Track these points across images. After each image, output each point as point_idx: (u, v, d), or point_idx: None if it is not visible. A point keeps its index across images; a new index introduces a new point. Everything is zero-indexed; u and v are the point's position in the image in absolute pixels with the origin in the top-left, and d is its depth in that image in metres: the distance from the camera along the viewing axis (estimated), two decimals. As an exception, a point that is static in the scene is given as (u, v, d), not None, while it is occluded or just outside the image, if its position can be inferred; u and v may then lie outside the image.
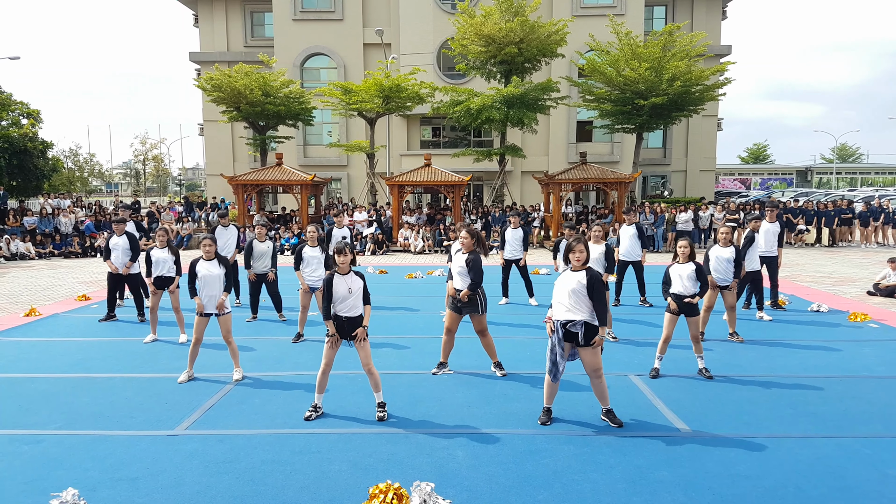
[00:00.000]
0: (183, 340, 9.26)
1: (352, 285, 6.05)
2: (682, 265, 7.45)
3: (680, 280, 7.38)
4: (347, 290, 6.03)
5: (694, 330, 7.44)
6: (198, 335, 7.35)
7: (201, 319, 7.34)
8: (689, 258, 7.46)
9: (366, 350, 6.13)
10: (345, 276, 6.08)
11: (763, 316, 10.72)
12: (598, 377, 5.89)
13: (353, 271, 6.15)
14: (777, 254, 11.29)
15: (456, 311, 7.49)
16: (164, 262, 9.40)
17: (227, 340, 7.43)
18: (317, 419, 6.16)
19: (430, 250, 22.68)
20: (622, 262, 11.58)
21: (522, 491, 4.74)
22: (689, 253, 7.47)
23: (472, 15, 25.45)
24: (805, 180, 63.52)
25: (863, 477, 4.93)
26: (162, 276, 9.42)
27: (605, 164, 31.39)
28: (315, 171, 29.82)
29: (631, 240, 11.43)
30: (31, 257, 21.16)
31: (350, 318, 6.09)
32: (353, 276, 6.11)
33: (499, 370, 7.60)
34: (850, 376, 7.53)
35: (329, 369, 6.18)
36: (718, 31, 37.60)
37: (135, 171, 68.57)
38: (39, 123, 28.08)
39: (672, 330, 7.44)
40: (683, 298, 7.35)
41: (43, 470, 5.12)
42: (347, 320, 6.08)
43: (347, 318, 6.08)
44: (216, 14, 38.20)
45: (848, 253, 21.18)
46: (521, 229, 11.76)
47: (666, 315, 7.50)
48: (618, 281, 11.64)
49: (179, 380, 7.36)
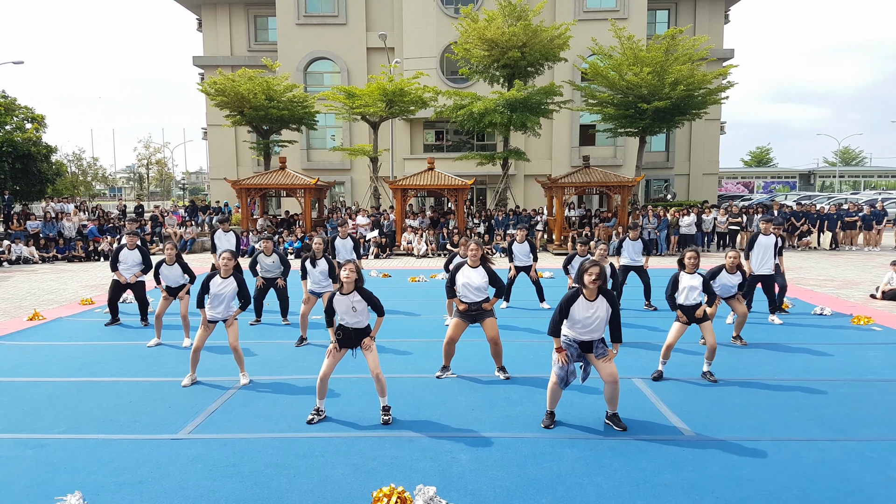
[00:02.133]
0: (186, 345, 9.27)
1: (355, 304, 6.04)
2: (689, 275, 7.41)
3: (686, 292, 7.34)
4: (351, 308, 6.04)
5: (710, 339, 7.36)
6: (199, 343, 7.36)
7: (207, 328, 7.36)
8: (696, 268, 7.42)
9: (374, 356, 6.14)
10: (347, 294, 6.07)
11: (774, 319, 10.66)
12: (615, 382, 5.84)
13: (356, 290, 6.09)
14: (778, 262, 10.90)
15: (469, 321, 7.45)
16: (175, 277, 9.54)
17: (233, 348, 7.39)
18: (319, 423, 6.17)
19: (433, 254, 22.68)
20: (624, 268, 11.67)
21: (526, 494, 4.73)
22: (697, 263, 7.43)
23: (475, 19, 25.49)
24: (808, 184, 63.41)
25: (868, 480, 4.92)
26: (172, 286, 9.57)
27: (609, 167, 31.35)
28: (318, 174, 29.87)
29: (635, 252, 11.66)
30: (35, 261, 21.20)
31: (357, 330, 6.13)
32: (355, 296, 6.05)
33: (503, 373, 7.60)
34: (855, 379, 7.51)
35: (328, 376, 6.17)
36: (721, 34, 37.59)
37: (138, 175, 68.71)
38: (43, 128, 28.15)
39: (677, 338, 7.42)
40: (694, 310, 7.31)
41: (47, 474, 5.12)
42: (355, 331, 6.12)
43: (355, 329, 6.11)
44: (220, 19, 38.30)
45: (851, 256, 21.14)
46: (527, 242, 11.77)
47: (675, 324, 7.46)
48: (619, 285, 11.59)
49: (183, 383, 7.38)
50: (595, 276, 5.71)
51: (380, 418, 6.20)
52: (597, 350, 5.81)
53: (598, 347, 5.81)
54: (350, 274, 6.03)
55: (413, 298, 13.33)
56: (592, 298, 5.77)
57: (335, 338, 6.10)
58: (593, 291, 5.76)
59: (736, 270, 8.76)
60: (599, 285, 5.74)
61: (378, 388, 6.19)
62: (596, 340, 5.82)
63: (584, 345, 5.84)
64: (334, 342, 6.10)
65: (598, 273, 5.72)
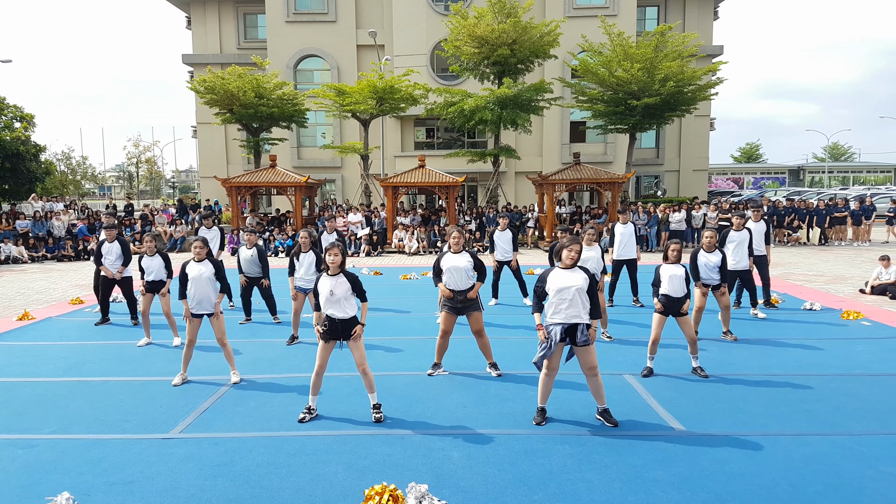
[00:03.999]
0: (177, 343, 9.25)
1: (335, 288, 5.98)
2: (671, 265, 7.46)
3: (669, 281, 7.38)
4: (329, 292, 5.97)
5: (688, 331, 7.43)
6: (191, 337, 7.33)
7: (193, 321, 7.33)
8: (679, 259, 7.50)
9: (360, 350, 6.10)
10: (333, 276, 6.04)
11: (757, 313, 10.72)
12: (595, 375, 5.90)
13: (342, 272, 6.08)
14: (766, 252, 11.23)
15: (455, 313, 7.45)
16: (155, 268, 9.44)
17: (221, 343, 7.37)
18: (311, 421, 6.16)
19: (424, 251, 22.67)
20: (617, 262, 11.47)
21: (518, 491, 4.74)
22: (680, 255, 7.51)
23: (464, 16, 25.48)
24: (797, 179, 63.73)
25: (857, 474, 4.95)
26: (152, 281, 9.45)
27: (599, 164, 31.44)
28: (309, 172, 29.77)
29: (627, 238, 11.31)
30: (24, 261, 21.07)
31: (343, 320, 6.04)
32: (340, 278, 6.03)
33: (494, 370, 7.61)
34: (844, 374, 7.56)
35: (323, 371, 6.17)
36: (710, 31, 37.70)
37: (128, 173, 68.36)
38: (32, 127, 27.96)
39: (660, 331, 7.44)
40: (678, 302, 7.35)
41: (37, 474, 5.10)
42: (341, 322, 6.03)
43: (340, 319, 6.03)
44: (209, 16, 38.11)
45: (840, 251, 21.27)
46: (509, 231, 11.71)
47: (655, 316, 7.50)
48: (612, 281, 11.56)
49: (174, 382, 7.35)
50: (576, 255, 5.83)
51: (371, 416, 6.19)
52: (581, 335, 5.78)
53: (582, 332, 5.79)
54: (335, 258, 6.00)
55: (404, 296, 13.32)
56: (568, 267, 5.84)
57: (321, 328, 6.03)
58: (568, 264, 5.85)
59: (713, 249, 8.72)
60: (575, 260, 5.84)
61: (366, 383, 6.15)
62: (581, 325, 5.78)
63: (570, 330, 5.81)
64: (318, 325, 6.05)
65: (578, 251, 5.84)
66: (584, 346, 5.81)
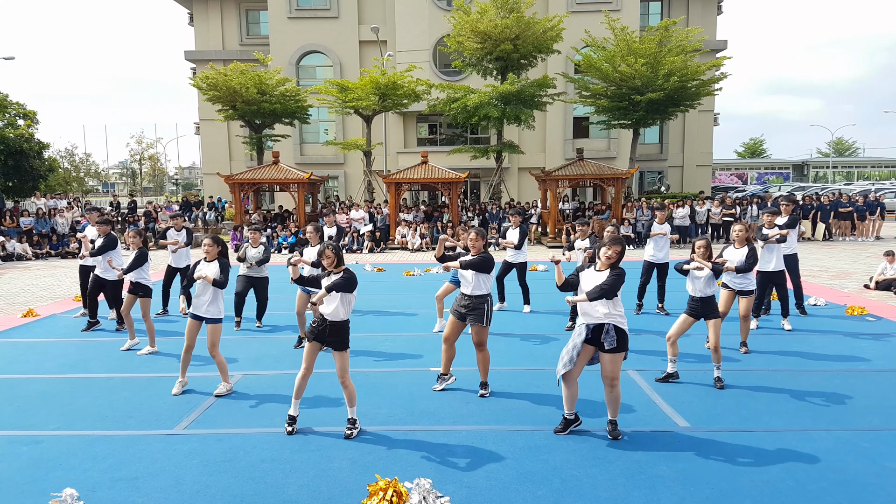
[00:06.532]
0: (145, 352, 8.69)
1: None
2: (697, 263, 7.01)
3: (691, 281, 7.06)
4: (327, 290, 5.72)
5: (713, 337, 6.97)
6: (189, 341, 6.86)
7: (192, 324, 6.86)
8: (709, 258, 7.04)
9: (342, 362, 5.74)
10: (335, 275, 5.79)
11: (785, 325, 9.69)
12: (615, 386, 5.60)
13: (343, 271, 5.77)
14: (797, 251, 10.23)
15: (459, 318, 6.89)
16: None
17: (212, 353, 6.86)
18: (310, 421, 6.12)
19: (427, 248, 22.67)
20: (649, 264, 10.61)
21: (522, 487, 4.74)
22: (708, 253, 7.07)
23: (467, 12, 25.44)
24: (801, 175, 63.60)
25: (862, 470, 4.94)
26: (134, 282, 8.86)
27: (602, 160, 31.37)
28: (312, 169, 29.78)
29: (663, 239, 10.46)
30: (28, 258, 21.12)
31: (333, 323, 5.71)
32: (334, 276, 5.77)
33: (483, 389, 6.86)
34: (849, 370, 7.55)
35: (308, 374, 5.78)
36: (714, 26, 37.58)
37: (131, 170, 68.43)
38: (35, 124, 28.00)
39: (680, 332, 7.07)
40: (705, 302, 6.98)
41: (42, 471, 5.11)
42: (331, 324, 5.70)
43: (331, 322, 5.71)
44: (211, 12, 38.12)
45: (845, 247, 21.22)
46: (520, 230, 10.91)
47: (682, 316, 7.14)
48: (642, 283, 10.74)
49: (173, 392, 6.92)
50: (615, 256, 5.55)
51: (374, 416, 6.12)
52: (606, 336, 5.49)
53: (607, 333, 5.50)
54: (329, 261, 5.78)
55: (408, 292, 13.32)
56: (602, 269, 5.62)
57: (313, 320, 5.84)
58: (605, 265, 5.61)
59: (744, 244, 8.01)
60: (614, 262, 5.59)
61: (346, 395, 5.77)
62: (608, 325, 5.48)
63: (596, 331, 5.56)
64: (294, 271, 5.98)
65: (619, 252, 5.55)
66: (610, 352, 5.51)
